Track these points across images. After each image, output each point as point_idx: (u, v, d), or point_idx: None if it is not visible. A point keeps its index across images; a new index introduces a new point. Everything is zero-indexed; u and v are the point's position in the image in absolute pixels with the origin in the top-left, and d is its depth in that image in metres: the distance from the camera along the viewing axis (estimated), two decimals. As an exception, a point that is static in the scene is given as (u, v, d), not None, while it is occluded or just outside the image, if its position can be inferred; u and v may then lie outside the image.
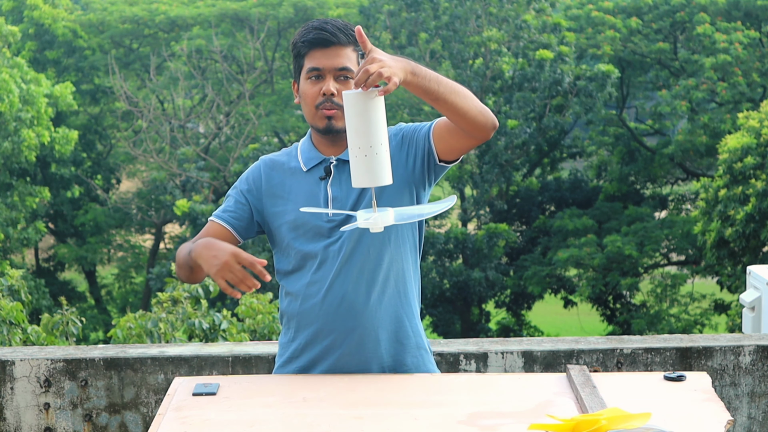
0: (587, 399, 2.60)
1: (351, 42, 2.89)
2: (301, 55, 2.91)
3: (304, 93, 2.91)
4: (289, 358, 2.98)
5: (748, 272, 6.66)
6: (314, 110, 2.89)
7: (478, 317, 20.09)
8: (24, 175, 20.38)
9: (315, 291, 2.90)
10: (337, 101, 2.87)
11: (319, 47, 2.87)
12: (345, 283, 2.88)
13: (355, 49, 2.91)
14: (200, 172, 20.11)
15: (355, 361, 2.90)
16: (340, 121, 2.88)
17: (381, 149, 2.55)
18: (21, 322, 6.14)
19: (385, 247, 2.90)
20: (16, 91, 17.51)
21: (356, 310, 2.88)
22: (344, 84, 2.88)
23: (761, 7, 20.29)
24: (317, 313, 2.90)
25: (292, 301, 2.96)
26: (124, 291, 22.97)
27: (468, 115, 2.76)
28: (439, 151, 2.90)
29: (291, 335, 2.97)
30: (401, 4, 19.77)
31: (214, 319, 6.24)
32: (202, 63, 22.23)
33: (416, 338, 2.96)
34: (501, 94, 19.48)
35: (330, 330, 2.90)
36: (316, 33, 2.88)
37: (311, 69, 2.88)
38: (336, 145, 2.96)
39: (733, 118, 17.86)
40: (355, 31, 2.67)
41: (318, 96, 2.88)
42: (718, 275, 16.82)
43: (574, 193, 21.46)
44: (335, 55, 2.88)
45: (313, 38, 2.88)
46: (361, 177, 2.56)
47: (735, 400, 3.94)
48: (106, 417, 3.93)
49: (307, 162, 2.97)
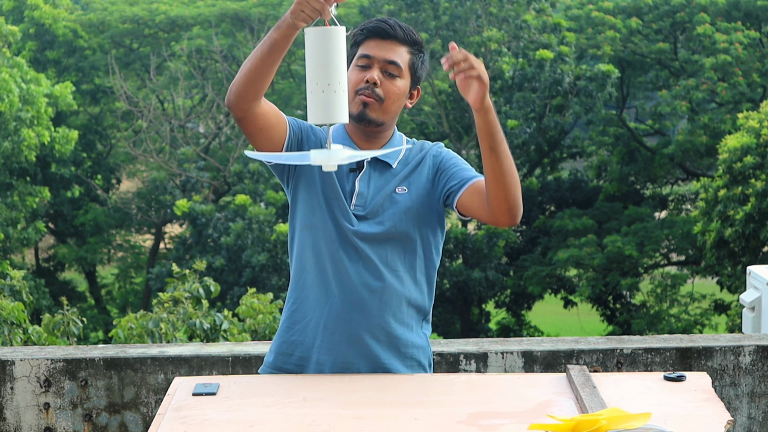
0: (587, 399, 2.60)
1: (408, 42, 2.91)
2: (357, 43, 2.93)
3: (349, 78, 2.89)
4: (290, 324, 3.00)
5: (748, 272, 6.66)
6: (353, 95, 2.89)
7: (478, 317, 20.10)
8: (24, 175, 20.38)
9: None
10: (379, 92, 2.87)
11: (376, 37, 2.90)
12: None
13: (411, 50, 2.91)
14: (200, 172, 20.12)
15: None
16: (376, 111, 2.89)
17: (339, 88, 2.53)
18: (22, 323, 6.15)
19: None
20: (16, 91, 17.51)
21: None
22: (390, 79, 2.89)
23: (761, 7, 20.28)
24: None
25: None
26: (124, 291, 22.98)
27: (506, 185, 2.76)
28: (459, 203, 2.91)
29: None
30: (401, 4, 19.77)
31: (215, 320, 6.24)
32: (202, 63, 22.23)
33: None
34: (501, 94, 19.49)
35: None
36: (377, 23, 2.91)
37: (362, 56, 2.90)
38: (371, 141, 2.96)
39: (733, 118, 17.86)
40: (415, 35, 2.83)
41: (360, 82, 2.88)
42: (718, 275, 16.82)
43: (574, 193, 21.46)
44: (389, 48, 2.89)
45: (373, 27, 2.91)
46: (317, 113, 2.53)
47: (735, 400, 3.94)
48: (106, 417, 3.93)
49: None
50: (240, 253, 17.27)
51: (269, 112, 2.87)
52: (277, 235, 16.69)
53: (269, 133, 2.86)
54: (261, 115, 2.84)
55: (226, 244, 17.28)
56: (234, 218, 17.84)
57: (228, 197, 19.78)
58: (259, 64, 2.75)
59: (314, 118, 2.54)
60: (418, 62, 2.95)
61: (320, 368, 2.93)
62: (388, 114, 2.91)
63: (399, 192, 2.93)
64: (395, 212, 2.91)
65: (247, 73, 2.77)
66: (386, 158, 2.95)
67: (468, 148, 20.21)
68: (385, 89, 2.89)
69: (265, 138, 2.87)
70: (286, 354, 2.99)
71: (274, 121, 2.87)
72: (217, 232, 17.85)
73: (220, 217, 17.98)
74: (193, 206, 17.97)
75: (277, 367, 3.00)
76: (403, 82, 2.91)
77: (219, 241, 17.62)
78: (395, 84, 2.90)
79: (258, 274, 16.99)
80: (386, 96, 2.89)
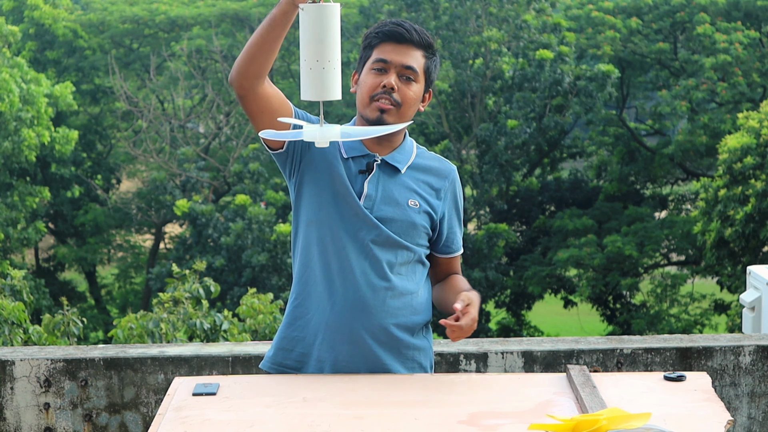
0: (587, 399, 2.60)
1: (423, 46, 2.90)
2: (371, 46, 2.91)
3: (364, 81, 2.89)
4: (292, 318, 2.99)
5: (748, 272, 6.66)
6: (368, 100, 2.88)
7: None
8: (24, 175, 20.39)
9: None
10: (396, 97, 2.86)
11: (392, 41, 2.88)
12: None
13: (425, 54, 2.90)
14: (200, 172, 20.12)
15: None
16: (393, 117, 2.87)
17: (331, 66, 2.50)
18: (23, 323, 6.15)
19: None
20: (17, 91, 17.51)
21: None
22: (406, 84, 2.88)
23: (761, 7, 20.29)
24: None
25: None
26: (124, 291, 22.97)
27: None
28: (433, 258, 3.07)
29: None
30: (401, 4, 19.76)
31: (215, 320, 6.23)
32: (202, 63, 22.23)
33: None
34: (501, 94, 19.49)
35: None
36: (392, 26, 2.89)
37: (378, 60, 2.88)
38: (382, 144, 2.95)
39: (733, 118, 17.86)
40: (429, 38, 2.91)
41: (377, 87, 2.87)
42: (718, 275, 16.82)
43: (574, 193, 21.46)
44: (405, 52, 2.88)
45: (389, 31, 2.88)
46: (309, 90, 2.51)
47: (735, 400, 3.94)
48: (106, 417, 3.93)
49: (348, 150, 2.94)
50: (240, 253, 17.27)
51: (273, 96, 2.84)
52: (277, 236, 16.69)
53: (271, 117, 2.83)
54: (263, 97, 2.82)
55: (226, 244, 17.29)
56: (234, 218, 17.84)
57: (228, 197, 19.78)
58: (259, 40, 2.76)
59: (307, 94, 2.52)
60: (432, 66, 2.95)
61: (320, 366, 2.93)
62: (404, 119, 2.90)
63: (411, 205, 2.93)
64: (404, 223, 2.92)
65: (247, 49, 2.78)
66: (395, 162, 2.95)
67: (468, 148, 20.22)
68: (402, 94, 2.88)
69: (267, 122, 2.83)
70: (286, 350, 2.99)
71: (276, 106, 2.85)
72: (217, 232, 17.85)
73: (220, 218, 17.99)
74: (193, 206, 17.97)
75: (277, 362, 3.00)
76: (418, 87, 2.91)
77: (219, 241, 17.62)
78: (411, 89, 2.89)
79: (258, 274, 16.99)
80: (403, 101, 2.88)
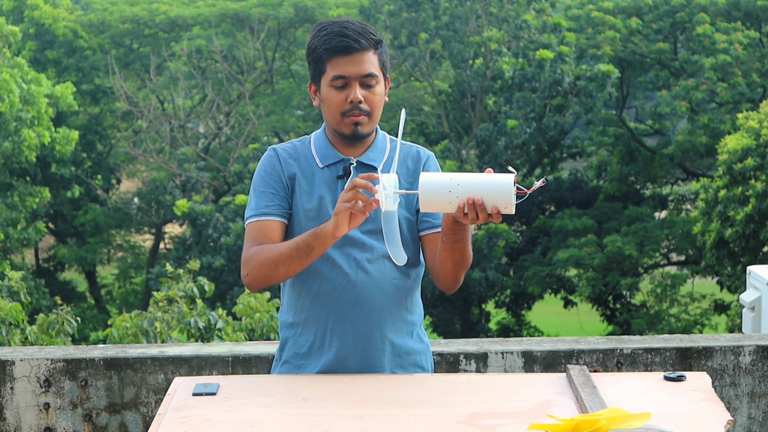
0: (587, 399, 2.60)
1: (372, 45, 2.87)
2: (322, 61, 2.87)
3: (329, 99, 2.87)
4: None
5: (748, 272, 6.66)
6: (340, 117, 2.87)
7: (478, 317, 20.10)
8: (24, 175, 20.39)
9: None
10: (365, 107, 2.86)
11: (342, 54, 2.84)
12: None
13: (376, 51, 2.88)
14: (200, 172, 20.12)
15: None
16: (367, 125, 2.88)
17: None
18: (20, 323, 6.15)
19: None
20: (17, 91, 17.51)
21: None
22: (369, 90, 2.86)
23: (761, 7, 20.29)
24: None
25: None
26: (124, 291, 22.99)
27: (455, 271, 2.88)
28: (421, 237, 2.99)
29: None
30: (401, 4, 19.76)
31: (209, 318, 6.24)
32: (202, 63, 22.23)
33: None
34: (501, 94, 19.49)
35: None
36: (339, 40, 2.84)
37: (336, 77, 2.85)
38: (355, 146, 2.95)
39: (732, 118, 17.86)
40: (374, 33, 2.84)
41: (344, 104, 2.85)
42: (718, 275, 16.82)
43: (574, 193, 21.46)
44: (359, 61, 2.85)
45: (336, 45, 2.84)
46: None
47: (735, 400, 3.94)
48: (106, 417, 3.93)
49: (323, 159, 2.94)
50: (240, 254, 17.26)
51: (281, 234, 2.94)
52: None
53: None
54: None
55: (226, 244, 17.29)
56: (234, 218, 17.84)
57: (228, 197, 19.78)
58: (297, 267, 2.84)
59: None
60: (385, 56, 2.93)
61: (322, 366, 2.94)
62: (376, 121, 2.92)
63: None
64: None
65: (275, 268, 2.84)
66: (371, 162, 2.94)
67: (468, 148, 20.21)
68: (369, 102, 2.87)
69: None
70: (288, 349, 3.01)
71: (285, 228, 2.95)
72: (217, 232, 17.86)
73: None
74: (193, 206, 17.98)
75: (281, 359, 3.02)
76: (381, 86, 2.90)
77: (219, 241, 17.62)
78: (376, 92, 2.88)
79: (258, 274, 16.97)
80: (372, 108, 2.88)
